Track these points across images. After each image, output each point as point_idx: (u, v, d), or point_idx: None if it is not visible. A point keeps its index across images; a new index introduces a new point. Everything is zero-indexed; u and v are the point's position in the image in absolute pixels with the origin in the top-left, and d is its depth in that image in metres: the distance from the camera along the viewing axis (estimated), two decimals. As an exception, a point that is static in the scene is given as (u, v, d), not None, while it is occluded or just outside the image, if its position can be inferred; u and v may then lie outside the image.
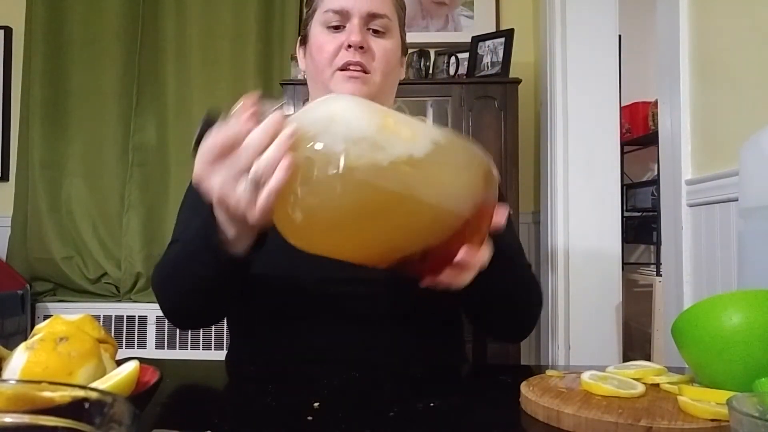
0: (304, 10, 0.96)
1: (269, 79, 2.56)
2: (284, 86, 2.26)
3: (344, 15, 0.86)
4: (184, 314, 0.85)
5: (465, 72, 2.42)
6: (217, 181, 0.58)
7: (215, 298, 0.79)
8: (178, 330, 2.48)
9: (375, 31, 0.87)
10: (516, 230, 0.98)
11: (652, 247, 3.15)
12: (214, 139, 0.57)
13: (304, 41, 0.93)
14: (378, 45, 0.87)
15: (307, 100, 0.98)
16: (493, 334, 1.00)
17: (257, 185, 0.55)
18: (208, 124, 0.60)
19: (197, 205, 0.86)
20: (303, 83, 2.09)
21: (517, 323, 0.89)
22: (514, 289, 0.84)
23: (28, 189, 2.56)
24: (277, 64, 2.57)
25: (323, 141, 0.54)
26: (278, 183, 0.54)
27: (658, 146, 1.45)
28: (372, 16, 0.86)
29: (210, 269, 0.72)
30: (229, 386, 0.80)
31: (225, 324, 0.97)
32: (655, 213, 2.61)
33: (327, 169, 0.53)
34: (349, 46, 0.84)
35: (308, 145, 0.54)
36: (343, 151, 0.53)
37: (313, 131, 0.55)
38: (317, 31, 0.88)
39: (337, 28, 0.86)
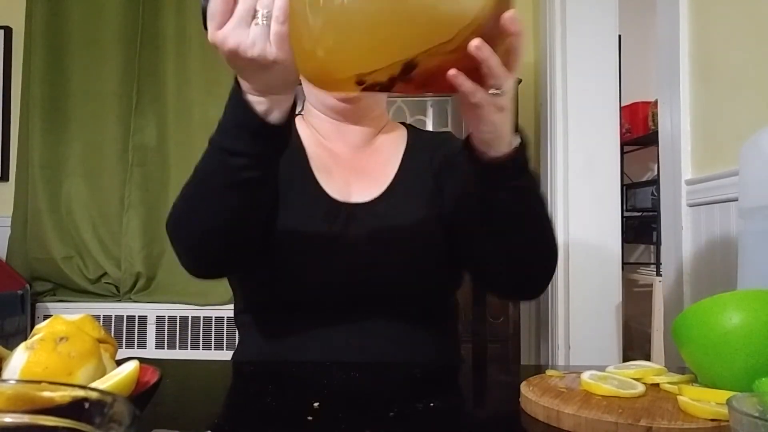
0: None
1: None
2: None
3: None
4: (208, 247, 0.79)
5: (465, 72, 2.41)
6: (228, 32, 0.60)
7: (248, 204, 0.74)
8: (178, 330, 2.48)
9: None
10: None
11: (652, 247, 3.15)
12: (215, 1, 0.60)
13: None
14: None
15: (305, 100, 0.98)
16: (500, 287, 0.89)
17: (266, 22, 0.59)
18: None
19: None
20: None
21: (529, 268, 0.82)
22: (528, 209, 0.77)
23: (28, 189, 2.56)
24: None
25: None
26: (282, 9, 0.57)
27: (658, 146, 1.45)
28: None
29: (248, 144, 0.68)
30: (229, 386, 0.80)
31: (225, 324, 0.97)
32: (655, 213, 2.61)
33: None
34: None
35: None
36: None
37: None
38: None
39: None
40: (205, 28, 0.63)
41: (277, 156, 0.72)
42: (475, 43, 0.57)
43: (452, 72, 0.59)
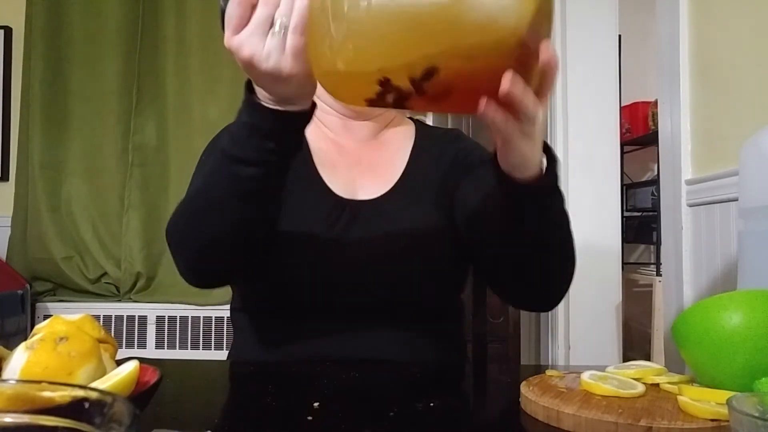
0: None
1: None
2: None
3: None
4: (211, 256, 0.78)
5: (465, 72, 2.41)
6: (244, 40, 0.59)
7: (253, 214, 0.74)
8: (178, 330, 2.48)
9: None
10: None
11: (652, 247, 3.16)
12: (232, 6, 0.59)
13: None
14: None
15: None
16: (517, 299, 0.89)
17: (283, 32, 0.57)
18: None
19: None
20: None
21: (548, 285, 0.82)
22: (555, 228, 0.77)
23: (28, 189, 2.56)
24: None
25: None
26: (300, 19, 0.56)
27: (658, 146, 1.45)
28: None
29: (259, 154, 0.67)
30: (229, 386, 0.80)
31: (225, 324, 0.97)
32: (655, 213, 2.61)
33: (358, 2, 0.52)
34: None
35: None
36: None
37: None
38: None
39: None
40: (223, 29, 0.61)
41: (287, 164, 0.71)
42: (507, 80, 0.54)
43: (483, 102, 0.56)
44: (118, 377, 0.49)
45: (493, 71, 0.54)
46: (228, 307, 1.00)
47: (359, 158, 0.93)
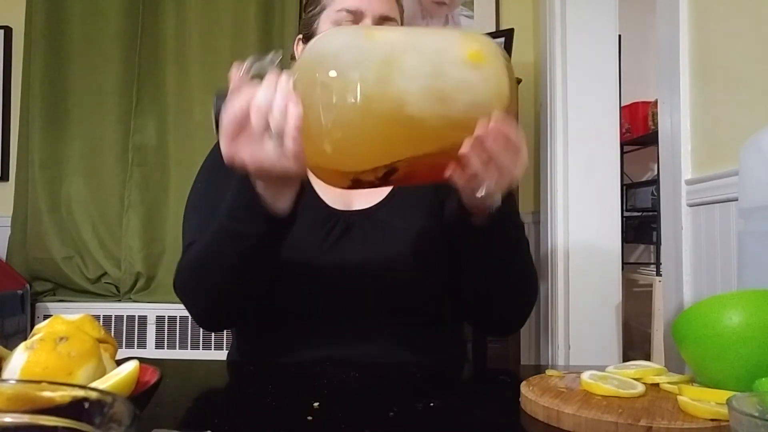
0: (304, 11, 0.97)
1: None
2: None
3: (358, 15, 0.86)
4: (220, 308, 0.83)
5: (465, 72, 2.41)
6: (245, 152, 0.61)
7: (258, 273, 0.78)
8: (178, 330, 2.48)
9: None
10: (516, 199, 0.97)
11: (651, 247, 3.15)
12: (228, 113, 0.61)
13: (307, 39, 0.93)
14: None
15: None
16: (484, 322, 0.95)
17: (280, 137, 0.59)
18: (221, 100, 0.63)
19: (210, 200, 0.86)
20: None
21: (511, 312, 0.88)
22: (514, 261, 0.82)
23: (28, 189, 2.56)
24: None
25: (336, 69, 0.57)
26: (295, 122, 0.58)
27: (658, 146, 1.45)
28: (383, 19, 0.87)
29: (257, 229, 0.71)
30: (229, 386, 0.80)
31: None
32: (655, 213, 2.61)
33: (345, 95, 0.56)
34: None
35: (322, 76, 0.57)
36: (358, 75, 0.56)
37: (324, 62, 0.57)
38: (327, 29, 0.88)
39: None
40: (217, 132, 0.64)
41: (287, 232, 0.74)
42: (464, 150, 0.60)
43: (448, 171, 0.63)
44: (118, 377, 0.49)
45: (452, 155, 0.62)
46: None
47: None
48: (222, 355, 0.95)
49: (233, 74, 0.63)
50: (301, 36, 0.96)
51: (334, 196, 0.90)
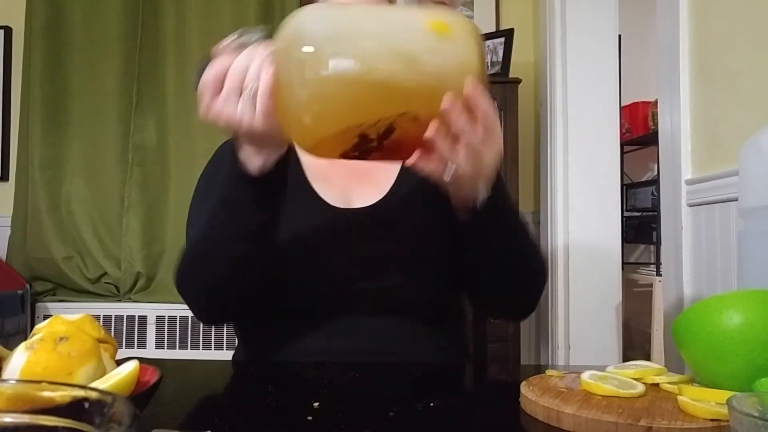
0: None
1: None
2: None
3: None
4: (222, 296, 0.83)
5: (465, 72, 2.41)
6: (219, 109, 0.65)
7: (255, 251, 0.79)
8: (178, 330, 2.48)
9: None
10: (509, 193, 0.97)
11: (652, 247, 3.15)
12: (207, 74, 0.65)
13: None
14: None
15: None
16: (493, 309, 0.97)
17: (252, 97, 0.63)
18: (204, 66, 0.67)
19: (210, 201, 0.86)
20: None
21: (517, 298, 0.88)
22: (511, 251, 0.82)
23: (28, 189, 2.56)
24: (277, 64, 2.57)
25: (308, 43, 0.59)
26: (266, 84, 0.62)
27: (658, 146, 1.45)
28: None
29: (242, 192, 0.73)
30: (229, 386, 0.80)
31: (225, 324, 0.97)
32: (655, 213, 2.61)
33: (318, 69, 0.58)
34: None
35: (296, 50, 0.60)
36: (330, 48, 0.59)
37: (299, 37, 0.60)
38: None
39: None
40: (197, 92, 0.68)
41: (278, 195, 0.76)
42: (445, 104, 0.60)
43: (414, 156, 0.64)
44: (118, 377, 0.49)
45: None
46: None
47: (352, 167, 0.93)
48: (222, 355, 0.95)
49: (219, 44, 0.66)
50: None
51: (334, 195, 0.90)
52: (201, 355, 2.44)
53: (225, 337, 2.45)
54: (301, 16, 0.62)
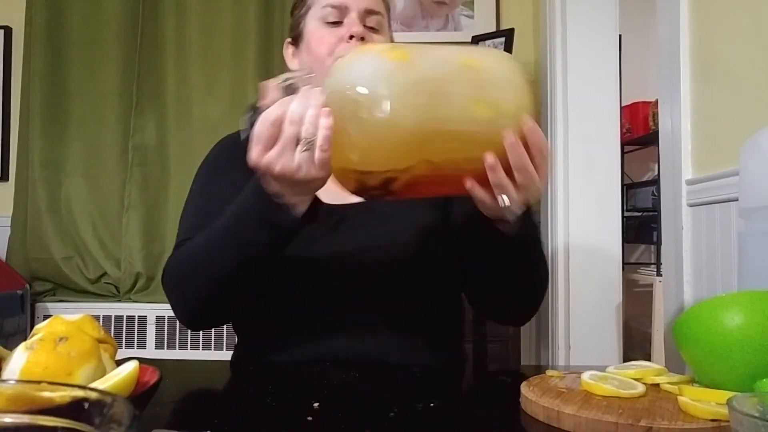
0: (291, 15, 0.97)
1: (269, 78, 2.55)
2: (284, 86, 2.26)
3: (342, 10, 0.87)
4: (210, 307, 0.83)
5: (465, 72, 2.41)
6: (275, 158, 0.66)
7: (253, 278, 0.79)
8: (177, 330, 2.48)
9: (370, 28, 0.88)
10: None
11: (652, 247, 3.15)
12: (263, 124, 0.66)
13: (295, 41, 0.94)
14: (373, 41, 0.88)
15: None
16: (494, 315, 0.99)
17: (310, 146, 0.64)
18: (254, 111, 0.68)
19: (204, 201, 0.86)
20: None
21: (522, 304, 0.90)
22: (532, 266, 0.85)
23: (27, 189, 2.56)
24: (278, 65, 2.56)
25: (365, 86, 0.61)
26: (326, 134, 0.63)
27: (658, 146, 1.45)
28: (369, 12, 0.87)
29: (263, 237, 0.73)
30: (229, 386, 0.80)
31: (225, 324, 0.97)
32: (655, 213, 2.61)
33: (372, 110, 0.60)
34: (351, 37, 0.86)
35: (351, 91, 0.61)
36: (386, 91, 0.60)
37: (351, 81, 0.62)
38: (314, 27, 0.89)
39: (334, 24, 0.87)
40: (247, 142, 0.68)
41: (289, 243, 0.76)
42: (489, 161, 0.63)
43: (469, 185, 0.66)
44: (118, 377, 0.49)
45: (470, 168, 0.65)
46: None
47: None
48: (222, 355, 0.95)
49: (266, 87, 0.67)
50: (289, 39, 0.97)
51: (328, 191, 0.90)
52: (201, 355, 2.44)
53: (225, 337, 2.45)
54: (353, 60, 0.64)
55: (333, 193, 0.90)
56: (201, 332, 2.47)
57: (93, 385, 0.48)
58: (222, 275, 0.78)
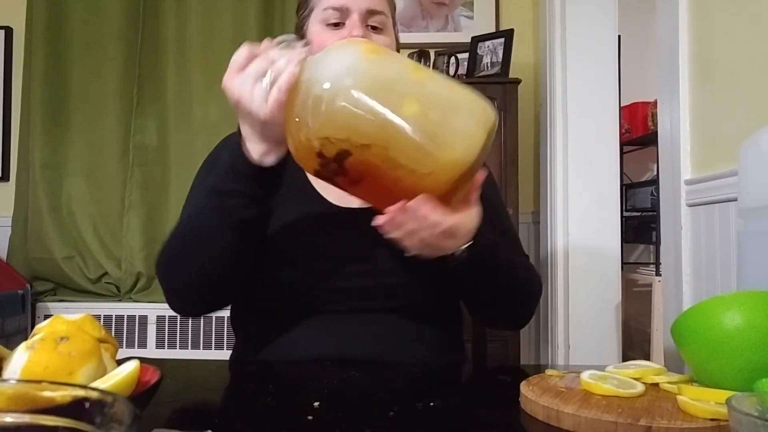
0: (296, 15, 0.97)
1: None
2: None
3: (344, 12, 0.86)
4: (200, 289, 0.84)
5: (465, 72, 2.41)
6: (238, 84, 0.69)
7: (243, 243, 0.79)
8: (178, 330, 2.48)
9: (373, 28, 0.88)
10: (509, 221, 1.00)
11: (651, 246, 3.15)
12: (238, 53, 0.69)
13: None
14: (376, 41, 0.87)
15: None
16: (490, 324, 1.05)
17: (271, 84, 0.67)
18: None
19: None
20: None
21: (511, 314, 0.92)
22: (506, 286, 0.86)
23: (28, 189, 2.56)
24: (277, 64, 2.56)
25: (330, 82, 0.64)
26: (288, 78, 0.66)
27: (657, 146, 1.45)
28: (370, 13, 0.87)
29: (235, 185, 0.75)
30: (229, 386, 0.80)
31: (225, 323, 0.97)
32: (655, 213, 2.61)
33: (334, 101, 0.63)
34: None
35: (317, 85, 0.64)
36: (347, 86, 0.63)
37: (323, 74, 0.65)
38: (316, 29, 0.88)
39: (336, 26, 0.87)
40: None
41: (270, 195, 0.78)
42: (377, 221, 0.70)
43: (380, 220, 0.70)
44: (119, 377, 0.49)
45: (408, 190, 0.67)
46: (228, 307, 1.00)
47: None
48: (222, 354, 0.95)
49: (263, 44, 0.70)
50: None
51: (334, 195, 0.90)
52: (201, 355, 2.44)
53: (225, 337, 2.45)
54: (341, 49, 0.68)
55: (339, 197, 0.90)
56: (201, 332, 2.47)
57: (94, 384, 0.48)
58: (209, 241, 0.78)
